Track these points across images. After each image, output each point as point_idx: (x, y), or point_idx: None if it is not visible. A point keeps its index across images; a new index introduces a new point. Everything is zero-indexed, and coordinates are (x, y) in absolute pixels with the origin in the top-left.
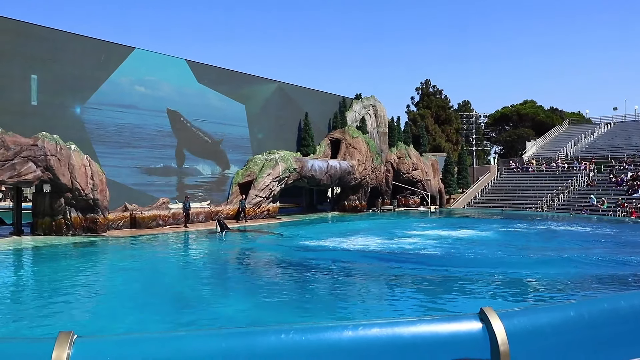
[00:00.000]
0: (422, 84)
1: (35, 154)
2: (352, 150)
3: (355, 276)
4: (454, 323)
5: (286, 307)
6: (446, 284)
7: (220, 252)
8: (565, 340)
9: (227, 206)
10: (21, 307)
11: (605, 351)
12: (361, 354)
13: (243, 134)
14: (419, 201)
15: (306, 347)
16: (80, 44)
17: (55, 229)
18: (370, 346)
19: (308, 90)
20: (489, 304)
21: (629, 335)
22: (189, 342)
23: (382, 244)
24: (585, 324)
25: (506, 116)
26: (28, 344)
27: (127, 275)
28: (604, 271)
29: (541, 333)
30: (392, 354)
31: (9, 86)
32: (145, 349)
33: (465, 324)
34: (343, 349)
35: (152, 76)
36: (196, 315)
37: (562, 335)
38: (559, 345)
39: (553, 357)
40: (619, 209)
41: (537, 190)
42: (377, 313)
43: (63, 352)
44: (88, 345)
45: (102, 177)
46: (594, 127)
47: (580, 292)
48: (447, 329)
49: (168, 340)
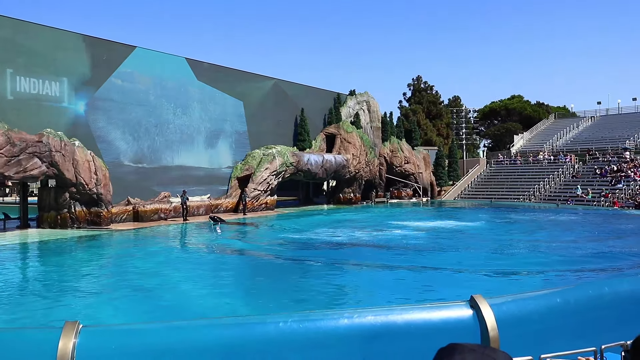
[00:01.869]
0: (414, 80)
1: (41, 150)
2: (346, 145)
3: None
4: (446, 310)
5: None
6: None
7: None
8: (552, 325)
9: (227, 199)
10: (30, 298)
11: (590, 335)
12: (357, 341)
13: (241, 129)
14: (411, 193)
15: (304, 335)
16: (83, 43)
17: (60, 222)
18: (366, 333)
19: (304, 87)
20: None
21: (613, 320)
22: (191, 331)
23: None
24: (571, 310)
25: (495, 111)
26: (35, 333)
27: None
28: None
29: (529, 319)
30: (386, 341)
31: (12, 83)
32: (149, 338)
33: (456, 311)
34: (340, 337)
35: (153, 74)
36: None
37: (549, 321)
38: (547, 330)
39: (541, 341)
40: (603, 199)
41: (524, 181)
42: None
43: (69, 341)
44: (94, 334)
45: (106, 172)
46: (579, 120)
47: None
48: (438, 315)
49: (171, 330)
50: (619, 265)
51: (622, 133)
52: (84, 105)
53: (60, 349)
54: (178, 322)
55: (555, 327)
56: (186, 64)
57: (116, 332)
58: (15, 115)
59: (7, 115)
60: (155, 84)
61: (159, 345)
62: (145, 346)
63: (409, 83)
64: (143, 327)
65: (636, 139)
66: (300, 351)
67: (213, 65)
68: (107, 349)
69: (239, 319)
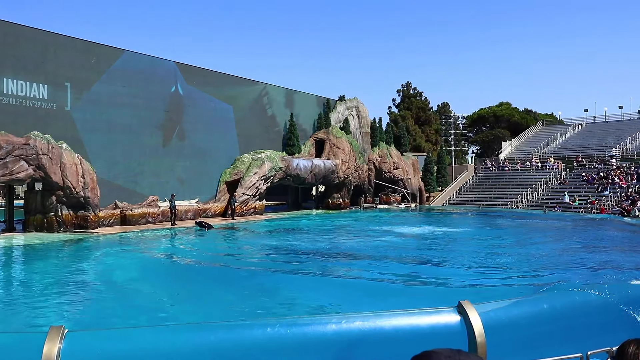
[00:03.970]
0: (403, 86)
1: (27, 152)
2: (335, 150)
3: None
4: (433, 315)
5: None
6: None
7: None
8: (539, 331)
9: (215, 204)
10: (16, 302)
11: (577, 341)
12: (345, 346)
13: (231, 133)
14: (400, 199)
15: (291, 339)
16: (72, 46)
17: (47, 226)
18: (354, 338)
19: (293, 92)
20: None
21: (600, 326)
22: (178, 335)
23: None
24: (557, 316)
25: (483, 117)
26: (20, 338)
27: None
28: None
29: (516, 324)
30: (374, 346)
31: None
32: (136, 342)
33: (444, 317)
34: (327, 342)
35: (142, 77)
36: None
37: (536, 327)
38: (534, 335)
39: (528, 346)
40: (590, 205)
41: (512, 188)
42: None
43: (54, 346)
44: (79, 339)
45: (93, 175)
46: (566, 127)
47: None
48: (426, 321)
49: (158, 334)
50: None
51: (608, 140)
52: (72, 107)
53: (45, 354)
54: (165, 326)
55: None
56: (176, 68)
57: (102, 337)
58: (2, 118)
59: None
60: (144, 88)
61: (145, 350)
62: (132, 350)
63: (398, 89)
64: (129, 331)
65: (622, 147)
66: (287, 356)
67: (202, 69)
68: (92, 353)
69: (227, 323)
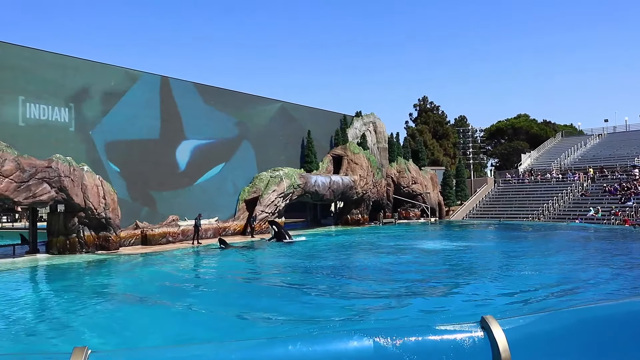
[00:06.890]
0: (420, 100)
1: (50, 175)
2: (353, 166)
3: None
4: (457, 332)
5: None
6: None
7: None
8: (566, 346)
9: (235, 222)
10: (39, 322)
11: (606, 356)
12: None
13: (248, 152)
14: (419, 213)
15: (313, 357)
16: (90, 69)
17: (69, 247)
18: (376, 355)
19: (310, 109)
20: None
21: (630, 341)
22: (199, 355)
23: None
24: (585, 330)
25: (501, 130)
26: (43, 359)
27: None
28: None
29: (542, 339)
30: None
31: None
32: None
33: (467, 333)
34: (349, 358)
35: (160, 99)
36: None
37: (563, 341)
38: (561, 351)
39: None
40: (613, 217)
41: (533, 200)
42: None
43: None
44: (102, 359)
45: (114, 196)
46: (586, 138)
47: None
48: (449, 337)
49: (179, 353)
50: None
51: (630, 150)
52: (92, 129)
53: None
54: (186, 346)
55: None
56: (194, 88)
57: (125, 357)
58: (25, 142)
59: (18, 141)
60: (163, 109)
61: None
62: None
63: (415, 103)
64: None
65: None
66: None
67: (220, 89)
68: None
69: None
